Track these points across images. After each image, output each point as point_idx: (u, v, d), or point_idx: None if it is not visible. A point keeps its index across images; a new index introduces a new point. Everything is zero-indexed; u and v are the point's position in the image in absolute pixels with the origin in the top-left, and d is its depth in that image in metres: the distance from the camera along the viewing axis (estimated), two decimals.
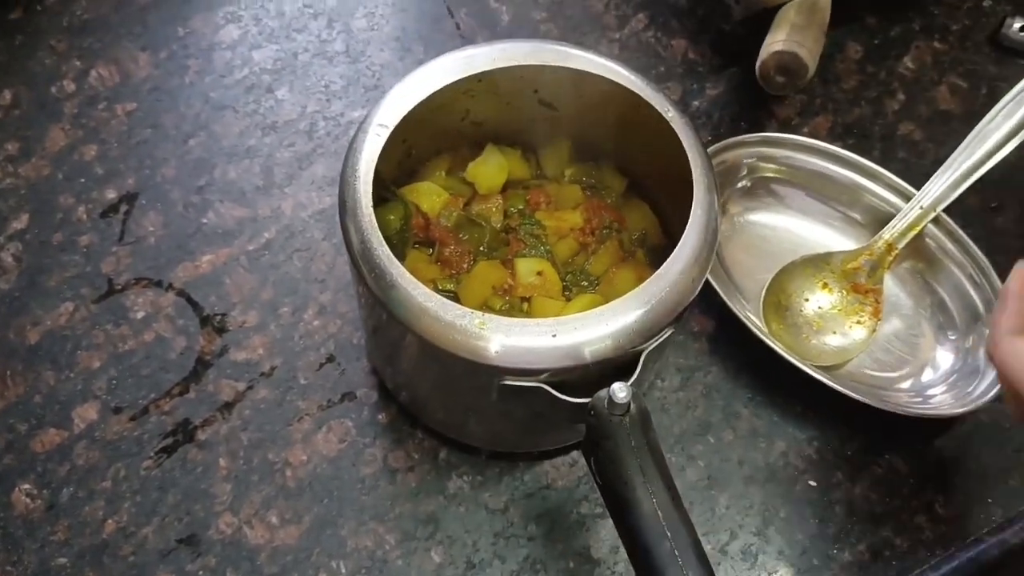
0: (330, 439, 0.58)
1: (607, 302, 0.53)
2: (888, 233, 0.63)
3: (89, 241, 0.62)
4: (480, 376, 0.46)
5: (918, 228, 0.63)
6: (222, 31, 0.71)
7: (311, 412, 0.59)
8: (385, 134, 0.49)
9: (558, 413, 0.47)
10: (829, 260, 0.64)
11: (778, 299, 0.63)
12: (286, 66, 0.70)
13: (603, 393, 0.44)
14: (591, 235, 0.57)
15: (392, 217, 0.56)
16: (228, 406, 0.58)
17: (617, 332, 0.45)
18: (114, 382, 0.58)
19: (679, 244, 0.47)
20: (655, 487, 0.43)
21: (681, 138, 0.50)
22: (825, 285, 0.63)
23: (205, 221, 0.64)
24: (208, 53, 0.70)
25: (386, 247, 0.46)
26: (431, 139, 0.57)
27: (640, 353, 0.46)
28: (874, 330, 0.62)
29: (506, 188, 0.59)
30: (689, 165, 0.49)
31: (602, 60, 0.53)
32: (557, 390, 0.45)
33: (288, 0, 0.73)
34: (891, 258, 0.63)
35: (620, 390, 0.43)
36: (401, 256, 0.53)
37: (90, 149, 0.66)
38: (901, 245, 0.63)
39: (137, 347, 0.59)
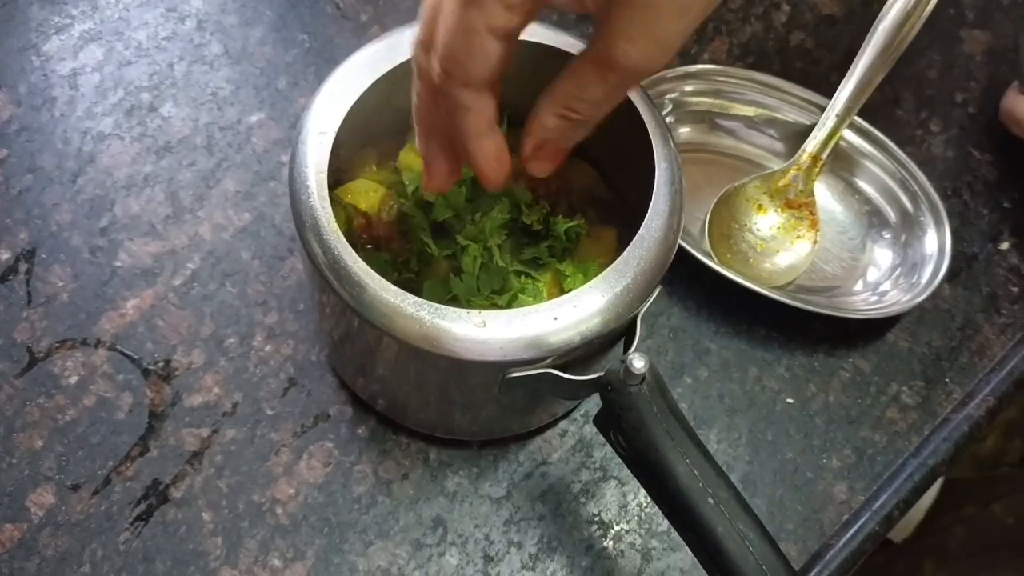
0: (314, 466, 0.55)
1: (576, 271, 0.52)
2: (810, 145, 0.65)
3: None
4: (484, 373, 0.45)
5: (837, 135, 0.65)
6: (82, 53, 0.65)
7: (287, 442, 0.55)
8: (328, 141, 0.46)
9: (565, 392, 0.46)
10: (761, 182, 0.65)
11: (720, 229, 0.64)
12: (164, 79, 0.65)
13: (615, 366, 0.44)
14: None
15: None
16: (196, 456, 0.54)
17: (616, 302, 0.44)
18: (64, 458, 0.53)
19: (652, 200, 0.46)
20: (686, 448, 0.43)
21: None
22: (760, 207, 0.64)
23: (118, 263, 0.58)
24: (73, 79, 0.64)
25: (361, 262, 0.43)
26: (355, 134, 0.54)
27: (636, 317, 0.46)
28: (815, 241, 0.64)
29: None
30: (638, 116, 0.48)
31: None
32: (562, 371, 0.44)
33: (146, 8, 0.67)
34: (817, 169, 0.65)
35: (637, 360, 0.42)
36: None
37: None
38: (824, 154, 0.65)
39: (79, 415, 0.54)
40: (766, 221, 0.64)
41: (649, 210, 0.46)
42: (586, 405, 0.59)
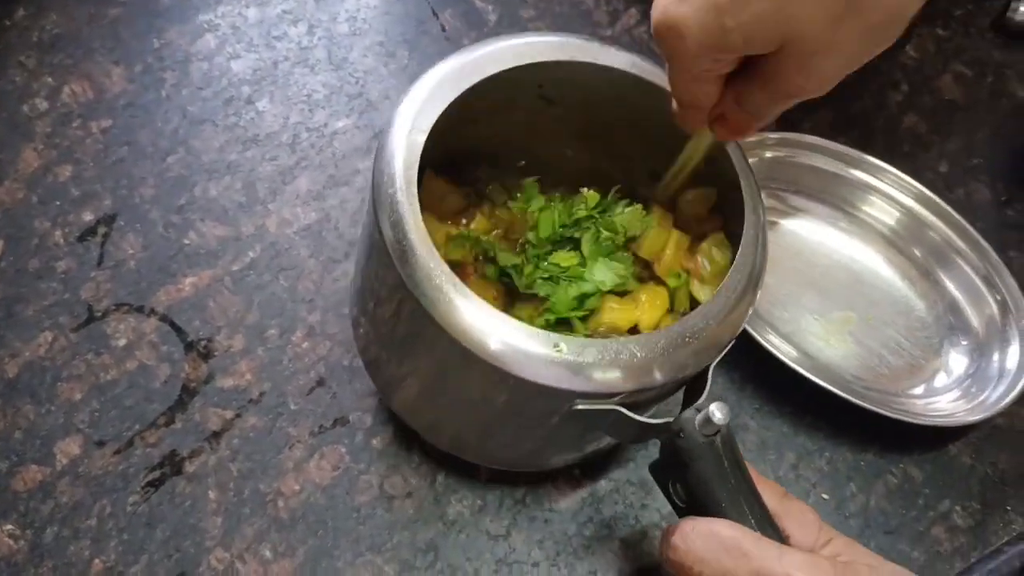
0: (323, 467, 0.56)
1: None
2: None
3: (67, 267, 0.60)
4: (550, 401, 0.43)
5: None
6: (199, 41, 0.69)
7: (302, 439, 0.56)
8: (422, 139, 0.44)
9: (628, 433, 0.44)
10: None
11: None
12: (266, 76, 0.68)
13: (690, 414, 0.42)
14: None
15: None
16: (216, 435, 0.56)
17: (697, 348, 0.42)
18: (97, 414, 0.56)
19: (739, 252, 0.44)
20: (752, 507, 0.42)
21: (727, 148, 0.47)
22: None
23: (187, 242, 0.61)
24: (184, 65, 0.68)
25: (460, 284, 0.41)
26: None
27: (708, 367, 0.44)
28: None
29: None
30: (733, 170, 0.47)
31: (633, 57, 0.50)
32: (629, 410, 0.42)
33: (267, 6, 0.70)
34: None
35: (719, 410, 0.41)
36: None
37: (65, 170, 0.63)
38: None
39: (120, 376, 0.57)
40: None
41: (736, 259, 0.44)
42: (600, 459, 0.57)
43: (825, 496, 0.57)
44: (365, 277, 0.49)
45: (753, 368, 0.60)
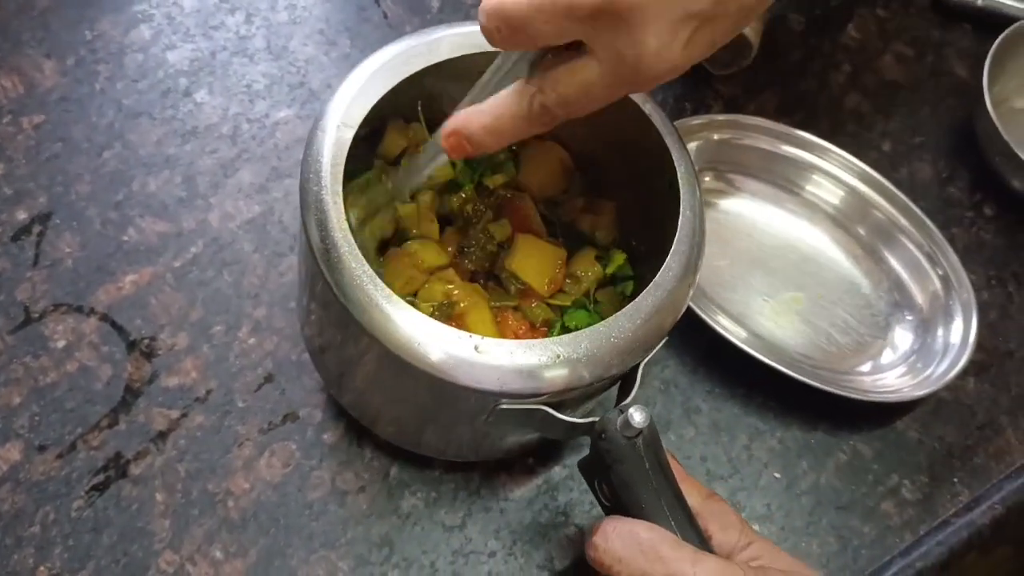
0: (273, 464, 0.55)
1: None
2: None
3: (1, 267, 0.58)
4: (476, 401, 0.43)
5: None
6: (133, 32, 0.67)
7: (251, 437, 0.55)
8: (349, 134, 0.44)
9: (555, 431, 0.44)
10: None
11: None
12: (204, 66, 0.66)
13: (612, 414, 0.42)
14: None
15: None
16: (162, 436, 0.55)
17: (622, 348, 0.42)
18: (37, 418, 0.55)
19: (672, 250, 0.44)
20: (672, 509, 0.42)
21: (663, 134, 0.47)
22: None
23: (126, 239, 0.60)
24: (119, 57, 0.66)
25: (381, 284, 0.41)
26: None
27: (638, 366, 0.44)
28: None
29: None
30: (669, 159, 0.46)
31: None
32: (555, 409, 0.43)
33: None
34: None
35: (637, 413, 0.41)
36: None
37: None
38: None
39: (60, 379, 0.56)
40: None
41: (668, 258, 0.44)
42: (555, 446, 0.57)
43: (777, 475, 0.58)
44: (301, 273, 0.49)
45: (705, 350, 0.60)
